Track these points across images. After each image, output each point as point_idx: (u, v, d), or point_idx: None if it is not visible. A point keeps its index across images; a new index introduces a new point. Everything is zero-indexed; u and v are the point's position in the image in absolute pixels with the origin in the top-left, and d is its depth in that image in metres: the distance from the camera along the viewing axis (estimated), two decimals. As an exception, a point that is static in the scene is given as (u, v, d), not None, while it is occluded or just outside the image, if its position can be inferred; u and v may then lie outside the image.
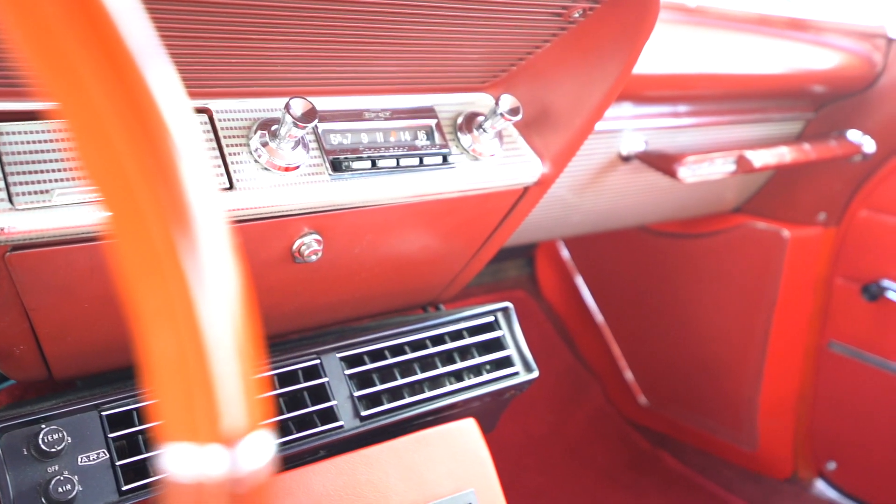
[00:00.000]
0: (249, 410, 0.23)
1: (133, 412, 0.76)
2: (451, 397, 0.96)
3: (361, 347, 0.93)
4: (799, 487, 1.79)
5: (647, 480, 1.94)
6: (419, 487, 0.90)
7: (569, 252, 2.08)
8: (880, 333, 1.56)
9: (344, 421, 0.88)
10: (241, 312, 0.25)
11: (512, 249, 2.07)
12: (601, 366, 2.10)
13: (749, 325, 1.72)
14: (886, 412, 1.59)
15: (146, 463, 0.75)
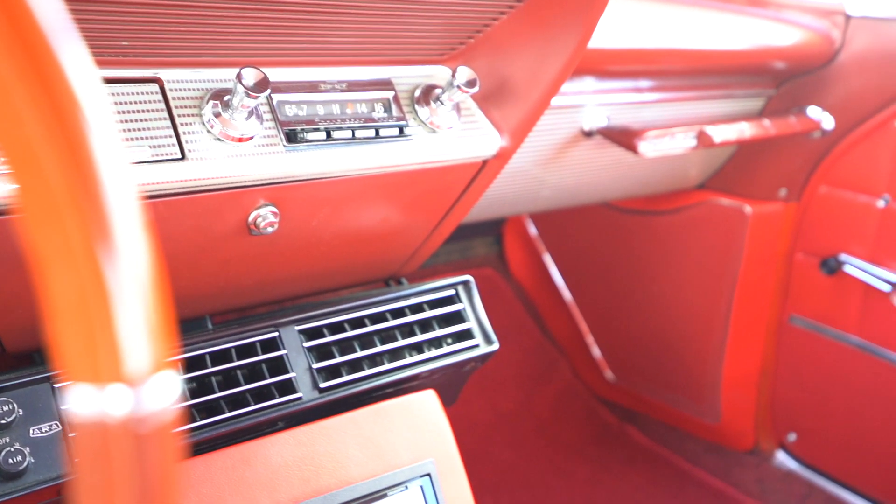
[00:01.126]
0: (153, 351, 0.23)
1: (87, 384, 0.76)
2: (410, 369, 0.97)
3: (320, 320, 0.93)
4: (760, 459, 1.83)
5: (613, 454, 1.97)
6: (378, 458, 0.91)
7: (536, 230, 2.09)
8: (838, 307, 1.59)
9: (302, 393, 0.88)
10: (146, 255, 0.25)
11: (480, 227, 2.08)
12: (569, 342, 2.12)
13: (712, 301, 1.74)
14: (844, 384, 1.62)
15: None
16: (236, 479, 0.81)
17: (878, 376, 1.55)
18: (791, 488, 1.76)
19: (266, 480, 0.82)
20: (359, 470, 0.89)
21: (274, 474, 0.83)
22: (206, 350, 0.84)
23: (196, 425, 0.80)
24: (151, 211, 0.74)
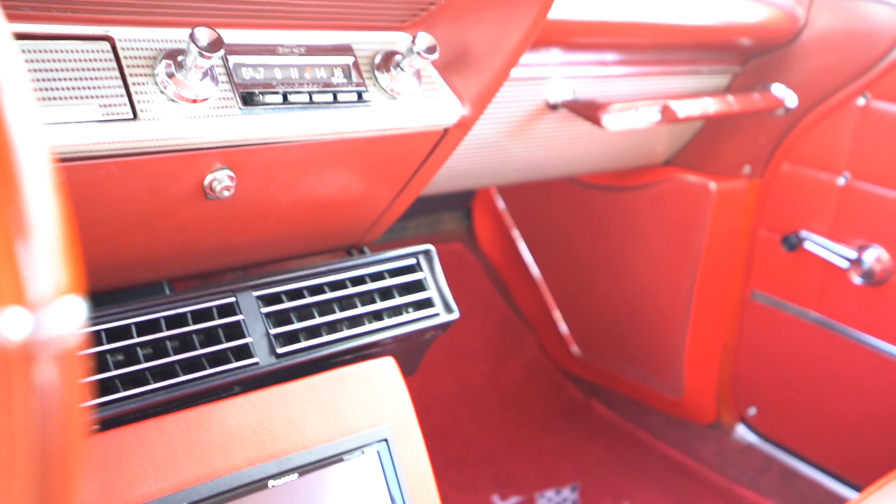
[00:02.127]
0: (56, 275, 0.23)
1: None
2: (370, 336, 0.97)
3: (279, 286, 0.93)
4: (721, 432, 1.86)
5: (578, 427, 2.00)
6: (335, 423, 0.91)
7: (505, 205, 2.10)
8: (798, 283, 1.62)
9: (259, 358, 0.88)
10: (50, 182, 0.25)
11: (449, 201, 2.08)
12: (537, 317, 2.14)
13: (676, 277, 1.76)
14: (803, 359, 1.65)
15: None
16: (190, 442, 0.81)
17: (836, 351, 1.58)
18: (749, 461, 1.80)
19: (221, 444, 0.83)
20: (315, 435, 0.89)
21: (229, 438, 0.84)
22: (162, 314, 0.84)
23: (150, 388, 0.80)
24: (103, 171, 0.73)
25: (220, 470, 0.81)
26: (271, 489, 0.83)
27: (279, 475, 0.84)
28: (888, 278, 1.47)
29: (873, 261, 1.47)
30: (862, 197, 1.48)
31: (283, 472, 0.84)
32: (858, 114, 1.46)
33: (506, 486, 1.77)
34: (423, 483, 0.96)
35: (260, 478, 0.83)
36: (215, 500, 0.79)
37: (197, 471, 0.80)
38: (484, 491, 1.75)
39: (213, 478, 0.80)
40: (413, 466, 0.95)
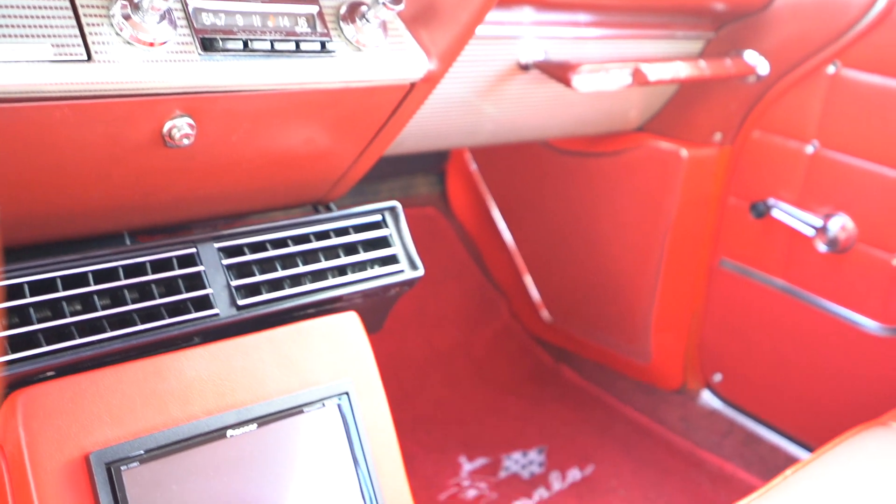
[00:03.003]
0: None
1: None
2: (333, 291, 0.97)
3: (240, 238, 0.93)
4: (687, 398, 1.89)
5: (547, 392, 2.02)
6: (296, 375, 0.91)
7: (479, 169, 2.09)
8: (765, 250, 1.63)
9: (219, 309, 0.88)
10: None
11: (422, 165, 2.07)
12: (508, 283, 2.15)
13: (646, 244, 1.77)
14: (769, 327, 1.68)
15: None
16: (148, 391, 0.81)
17: (800, 319, 1.60)
18: (713, 425, 1.83)
19: (179, 393, 0.83)
20: (275, 386, 0.89)
21: (187, 387, 0.83)
22: (120, 263, 0.83)
23: (107, 336, 0.79)
24: (57, 114, 0.72)
25: (178, 419, 0.81)
26: (230, 439, 0.83)
27: (238, 425, 0.84)
28: (851, 246, 1.49)
29: (838, 229, 1.49)
30: (829, 165, 1.49)
31: (242, 423, 0.84)
32: (828, 82, 1.47)
33: (473, 448, 1.79)
34: (385, 437, 0.96)
35: (218, 427, 0.83)
36: (173, 448, 0.79)
37: (154, 419, 0.80)
38: (451, 452, 1.77)
39: (170, 426, 0.80)
40: (374, 420, 0.96)
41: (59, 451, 0.74)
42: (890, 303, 1.46)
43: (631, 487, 1.73)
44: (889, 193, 1.42)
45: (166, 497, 0.78)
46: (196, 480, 0.80)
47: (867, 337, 1.49)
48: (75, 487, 0.74)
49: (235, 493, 0.82)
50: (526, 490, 1.68)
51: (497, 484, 1.69)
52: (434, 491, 1.64)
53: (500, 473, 1.72)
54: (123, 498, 0.75)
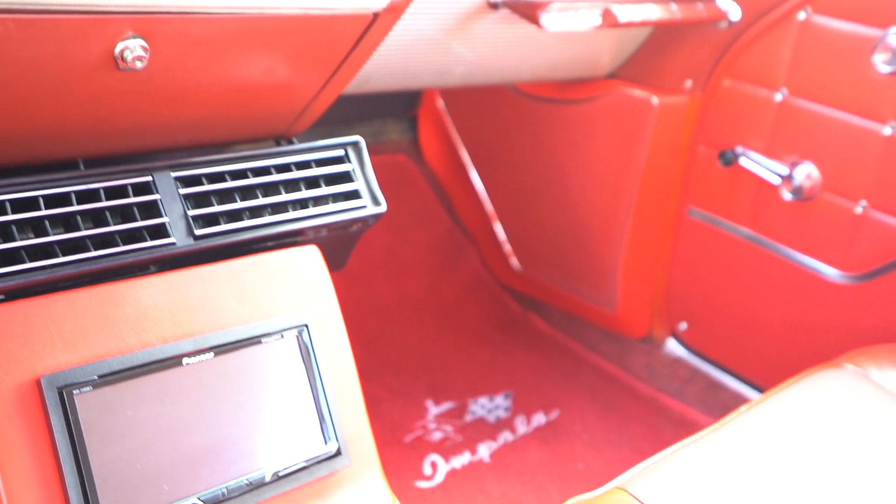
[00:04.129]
0: None
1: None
2: (293, 224, 0.96)
3: (198, 168, 0.91)
4: (652, 346, 1.92)
5: (515, 340, 2.04)
6: (254, 307, 0.91)
7: (450, 116, 2.07)
8: (733, 199, 1.64)
9: (176, 238, 0.87)
10: None
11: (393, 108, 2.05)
12: (479, 231, 2.15)
13: (616, 192, 1.78)
14: (734, 276, 1.70)
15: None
16: (102, 317, 0.80)
17: (764, 267, 1.62)
18: (676, 372, 1.86)
19: (134, 320, 0.82)
20: (233, 317, 0.89)
21: (142, 315, 0.83)
22: (72, 188, 0.81)
23: (58, 262, 0.78)
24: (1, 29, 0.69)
25: (133, 346, 0.81)
26: (186, 367, 0.83)
27: (194, 353, 0.84)
28: (816, 195, 1.50)
29: (804, 177, 1.50)
30: (797, 113, 1.50)
31: (198, 351, 0.84)
32: (799, 29, 1.46)
33: (440, 393, 1.81)
34: (344, 370, 0.96)
35: (174, 355, 0.82)
36: (127, 375, 0.79)
37: (108, 346, 0.79)
38: (418, 396, 1.78)
39: (125, 353, 0.80)
40: (334, 354, 0.96)
41: (10, 375, 0.73)
42: (851, 251, 1.48)
43: (595, 432, 1.76)
44: (854, 141, 1.43)
45: (121, 423, 0.78)
46: (151, 407, 0.80)
47: (828, 284, 1.52)
48: (27, 411, 0.74)
49: (192, 420, 0.82)
50: (491, 433, 1.70)
51: (463, 427, 1.71)
52: (399, 433, 1.66)
53: (466, 417, 1.74)
54: (76, 422, 0.74)
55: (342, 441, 0.92)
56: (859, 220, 1.45)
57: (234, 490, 0.83)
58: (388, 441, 1.63)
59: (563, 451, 1.68)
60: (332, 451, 0.91)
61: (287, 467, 0.87)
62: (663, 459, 0.94)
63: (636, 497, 0.85)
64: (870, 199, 1.43)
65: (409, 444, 1.63)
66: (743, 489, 0.88)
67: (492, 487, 1.53)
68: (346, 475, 0.93)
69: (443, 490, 1.51)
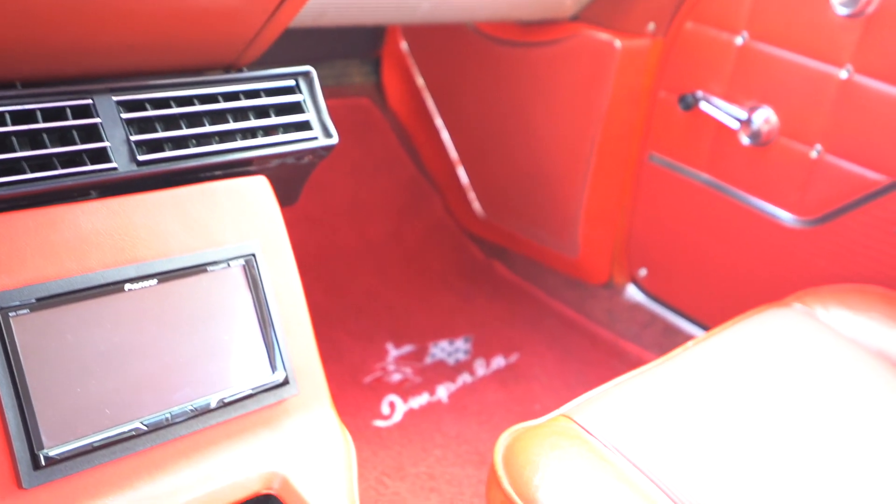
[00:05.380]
0: None
1: None
2: (242, 153, 0.95)
3: (141, 93, 0.89)
4: (613, 292, 1.94)
5: (477, 286, 2.05)
6: (201, 235, 0.90)
7: (414, 60, 2.05)
8: (692, 145, 1.65)
9: (118, 163, 0.85)
10: None
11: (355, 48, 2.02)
12: (442, 177, 2.14)
13: (578, 137, 1.78)
14: (693, 222, 1.71)
15: None
16: (40, 241, 0.79)
17: (723, 213, 1.64)
18: (635, 317, 1.88)
19: (74, 245, 0.81)
20: (178, 245, 0.88)
21: (83, 240, 0.81)
22: (7, 108, 0.79)
23: (-9, 183, 0.76)
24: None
25: (73, 270, 0.80)
26: (128, 292, 0.82)
27: (137, 279, 0.83)
28: (773, 140, 1.51)
29: (762, 122, 1.50)
30: (757, 57, 1.50)
31: (141, 277, 0.83)
32: (761, -30, 1.45)
33: (400, 336, 1.82)
34: (293, 302, 0.96)
35: (116, 280, 0.81)
36: (66, 299, 0.78)
37: (47, 270, 0.78)
38: (378, 340, 1.79)
39: (64, 277, 0.79)
40: (282, 284, 0.95)
41: (-57, 297, 0.72)
42: (805, 195, 1.50)
43: (553, 376, 1.78)
44: (810, 85, 1.43)
45: (61, 347, 0.77)
46: (92, 332, 0.79)
47: (783, 229, 1.54)
48: (-39, 334, 0.73)
49: (134, 346, 0.81)
50: (450, 375, 1.72)
51: (422, 369, 1.72)
52: (359, 375, 1.67)
53: (426, 360, 1.76)
54: (12, 344, 0.74)
55: (290, 370, 0.92)
56: (814, 164, 1.46)
57: (179, 415, 0.83)
58: (348, 383, 1.64)
59: (521, 392, 1.70)
60: (279, 379, 0.91)
61: (233, 395, 0.87)
62: (608, 390, 0.96)
63: (579, 423, 0.87)
64: (825, 143, 1.44)
65: (368, 385, 1.65)
66: (682, 418, 0.90)
67: (449, 427, 1.55)
68: (295, 404, 0.94)
69: (400, 429, 1.53)
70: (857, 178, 1.41)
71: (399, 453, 1.46)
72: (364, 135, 2.09)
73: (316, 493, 0.86)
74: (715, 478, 0.81)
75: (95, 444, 0.77)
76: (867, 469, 0.88)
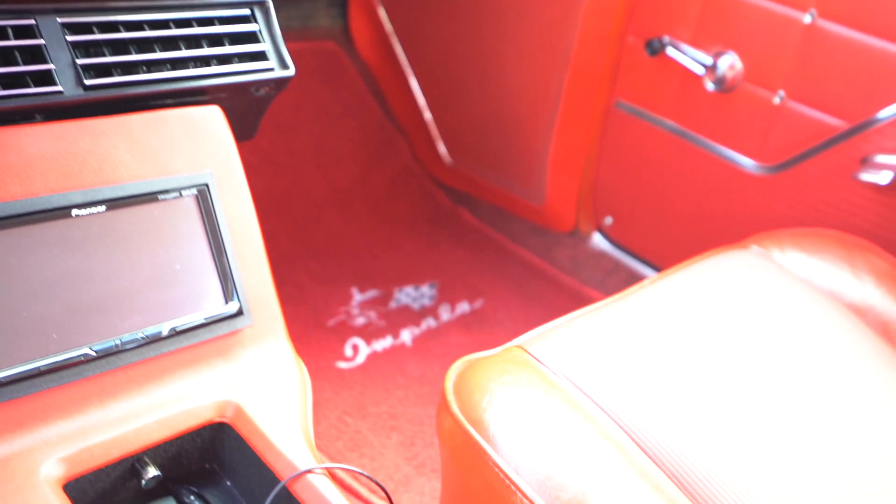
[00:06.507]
0: None
1: None
2: (194, 81, 0.93)
3: (88, 15, 0.87)
4: (578, 239, 1.95)
5: (443, 233, 2.05)
6: (151, 164, 0.88)
7: (382, 5, 2.01)
8: (658, 91, 1.65)
9: (63, 87, 0.83)
10: None
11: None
12: (410, 123, 2.12)
13: (545, 82, 1.76)
14: (658, 169, 1.72)
15: None
16: (-19, 163, 0.77)
17: (688, 160, 1.64)
18: (600, 265, 1.90)
19: (18, 169, 0.79)
20: (127, 172, 0.86)
21: (27, 164, 0.80)
22: (-56, 26, 0.77)
23: (-70, 102, 0.74)
24: None
25: (17, 194, 0.78)
26: (75, 218, 0.81)
27: (84, 205, 0.81)
28: (737, 86, 1.51)
29: (727, 67, 1.50)
30: (722, 1, 1.49)
31: (89, 203, 0.82)
32: (729, -88, 1.44)
33: (365, 281, 1.82)
34: (248, 233, 0.95)
35: (62, 205, 0.80)
36: (10, 223, 0.76)
37: (-11, 193, 0.77)
38: (343, 284, 1.79)
39: (7, 200, 0.77)
40: (237, 216, 0.94)
41: None
42: (767, 142, 1.50)
43: (517, 321, 1.80)
44: (775, 30, 1.43)
45: (5, 271, 0.76)
46: (38, 256, 0.78)
47: (745, 176, 1.55)
48: None
49: (82, 272, 0.80)
50: (415, 319, 1.73)
51: (386, 313, 1.73)
52: (322, 318, 1.67)
53: (391, 304, 1.76)
54: (-46, 266, 0.72)
55: (244, 302, 0.92)
56: (777, 110, 1.47)
57: (129, 343, 0.82)
58: (311, 325, 1.64)
59: (484, 336, 1.72)
60: (233, 310, 0.91)
61: (185, 324, 0.87)
62: (562, 324, 0.97)
63: (531, 354, 0.88)
64: (787, 89, 1.44)
65: (332, 328, 1.65)
66: (633, 351, 0.92)
67: (412, 369, 1.57)
68: (250, 336, 0.93)
69: (363, 371, 1.54)
70: (817, 123, 1.42)
71: (361, 394, 1.47)
72: (330, 79, 2.07)
73: (270, 422, 0.86)
74: (660, 407, 0.83)
75: (42, 369, 0.76)
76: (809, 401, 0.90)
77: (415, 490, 1.27)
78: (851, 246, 1.24)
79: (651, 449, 0.78)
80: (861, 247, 1.24)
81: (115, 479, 0.79)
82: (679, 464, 0.77)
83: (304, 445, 0.84)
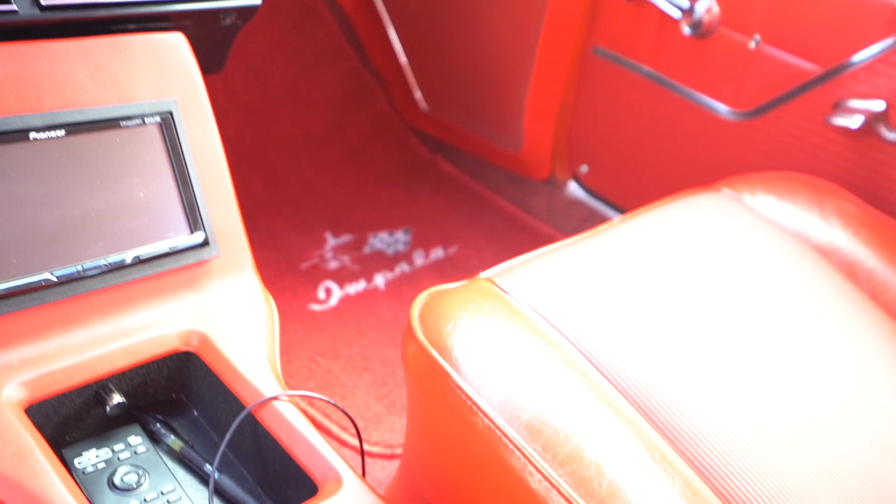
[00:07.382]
0: None
1: None
2: (157, 6, 0.91)
3: (44, -66, 0.84)
4: (554, 188, 1.95)
5: (419, 181, 2.04)
6: (113, 90, 0.87)
7: (358, -57, 1.97)
8: (636, 36, 1.63)
9: (18, 6, 0.81)
10: None
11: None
12: (387, 71, 2.09)
13: (522, 29, 1.74)
14: (634, 116, 1.71)
15: None
16: (-66, 83, 0.75)
17: (664, 106, 1.64)
18: (574, 212, 1.90)
19: (-28, 90, 0.77)
20: (88, 97, 0.84)
21: (-18, 85, 0.78)
22: None
23: None
24: None
25: (-28, 116, 0.76)
26: (33, 142, 0.79)
27: (43, 129, 0.80)
28: (714, 31, 1.50)
29: (703, 11, 1.49)
30: (702, -57, 1.47)
31: (47, 127, 0.80)
32: None
33: (339, 227, 1.81)
34: (213, 163, 0.94)
35: (19, 128, 0.78)
36: (-34, 144, 0.75)
37: (-57, 112, 0.75)
38: (317, 230, 1.78)
39: (-38, 122, 0.75)
40: (202, 145, 0.93)
41: None
42: (742, 87, 1.50)
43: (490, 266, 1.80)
44: (753, -28, 1.42)
45: (-38, 193, 0.74)
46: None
47: (720, 122, 1.55)
48: None
49: (42, 197, 0.79)
50: (388, 264, 1.73)
51: (360, 258, 1.72)
52: (296, 261, 1.67)
53: (365, 249, 1.76)
54: None
55: (210, 232, 0.91)
56: (752, 55, 1.46)
57: (91, 269, 0.81)
58: (284, 268, 1.63)
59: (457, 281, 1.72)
60: (198, 240, 0.90)
61: (149, 252, 0.86)
62: (530, 259, 0.97)
63: (497, 285, 0.88)
64: (763, 33, 1.44)
65: (305, 271, 1.64)
66: (600, 285, 0.92)
67: (384, 311, 1.57)
68: (216, 267, 0.93)
69: (335, 313, 1.54)
70: (792, 68, 1.42)
71: (333, 335, 1.47)
72: (305, 24, 2.03)
73: (236, 351, 0.86)
74: (624, 337, 0.84)
75: (1, 293, 0.75)
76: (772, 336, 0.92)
77: (385, 427, 1.28)
78: (820, 189, 1.25)
79: (613, 376, 0.79)
80: (830, 190, 1.25)
81: (79, 405, 0.79)
82: (640, 390, 0.78)
83: (270, 374, 0.84)
